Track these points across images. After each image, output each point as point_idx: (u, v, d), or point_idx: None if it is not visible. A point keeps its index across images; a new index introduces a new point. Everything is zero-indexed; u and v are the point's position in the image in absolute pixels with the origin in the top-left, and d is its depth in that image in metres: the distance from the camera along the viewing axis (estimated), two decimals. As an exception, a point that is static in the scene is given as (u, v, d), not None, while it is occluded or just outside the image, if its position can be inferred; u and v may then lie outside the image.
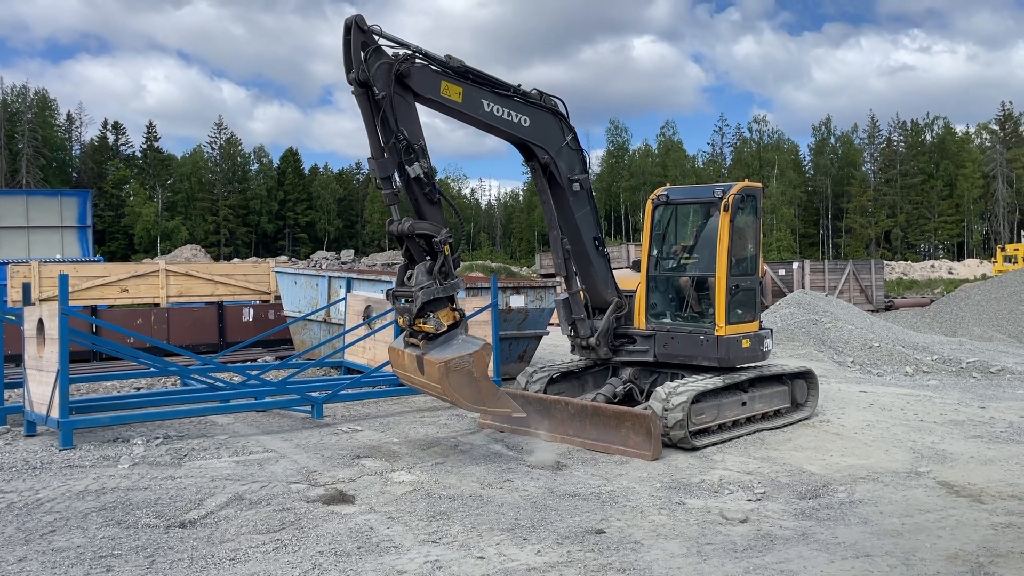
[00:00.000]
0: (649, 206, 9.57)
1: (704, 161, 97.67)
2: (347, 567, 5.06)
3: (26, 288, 9.98)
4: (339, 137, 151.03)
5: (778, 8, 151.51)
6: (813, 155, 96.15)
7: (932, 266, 65.60)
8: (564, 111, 8.74)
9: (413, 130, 7.46)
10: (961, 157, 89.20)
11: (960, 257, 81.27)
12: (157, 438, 8.58)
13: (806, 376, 9.80)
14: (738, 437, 8.64)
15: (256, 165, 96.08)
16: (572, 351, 9.66)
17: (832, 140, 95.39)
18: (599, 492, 6.73)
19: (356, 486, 6.88)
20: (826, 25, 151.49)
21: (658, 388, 8.35)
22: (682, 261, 9.50)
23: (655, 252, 9.49)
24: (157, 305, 16.20)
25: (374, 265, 50.88)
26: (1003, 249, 48.20)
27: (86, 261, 22.15)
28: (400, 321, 7.72)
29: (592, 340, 9.17)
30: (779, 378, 9.49)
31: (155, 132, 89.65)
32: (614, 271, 9.50)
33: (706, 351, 8.79)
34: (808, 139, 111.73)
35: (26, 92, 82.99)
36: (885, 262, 62.06)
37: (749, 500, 6.52)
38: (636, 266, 9.87)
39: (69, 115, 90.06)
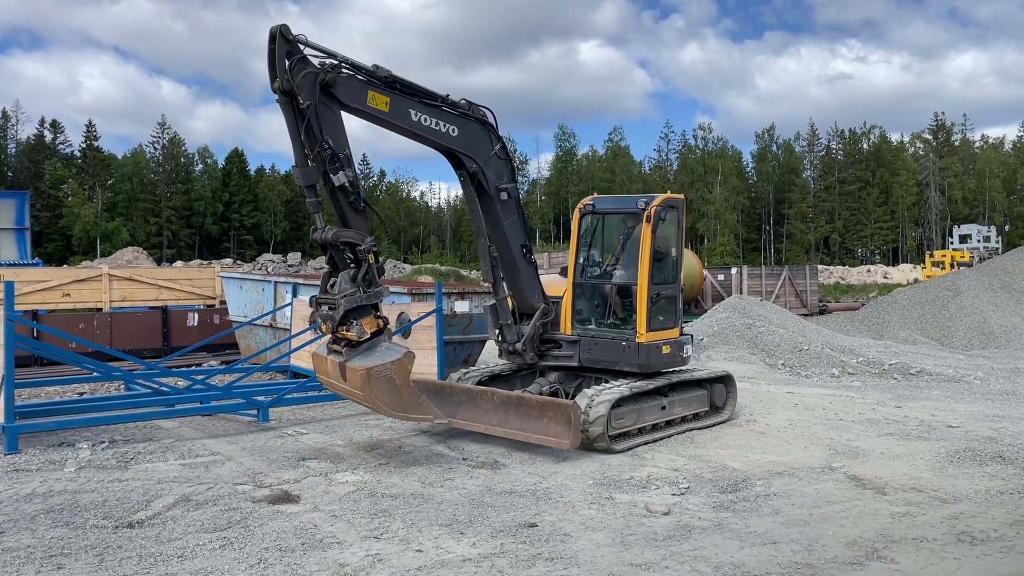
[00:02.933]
0: (576, 215, 9.84)
1: (651, 167, 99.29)
2: (291, 561, 5.34)
3: (-32, 294, 9.96)
4: (284, 137, 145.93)
5: (721, 15, 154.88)
6: (756, 162, 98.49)
7: (868, 271, 67.85)
8: (493, 121, 8.90)
9: (338, 139, 7.58)
10: (896, 165, 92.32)
11: (895, 262, 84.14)
12: (103, 442, 8.70)
13: (725, 380, 10.11)
14: (657, 440, 8.91)
15: (200, 166, 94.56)
16: (499, 355, 9.88)
17: (774, 148, 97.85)
18: (535, 489, 7.11)
19: (301, 487, 7.14)
20: (767, 33, 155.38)
21: (580, 393, 8.61)
22: (606, 269, 9.81)
23: (581, 260, 9.77)
24: (100, 310, 16.12)
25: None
26: (932, 255, 50.17)
27: (25, 264, 21.80)
28: (323, 328, 7.78)
29: (519, 345, 9.37)
30: (699, 383, 9.77)
31: (95, 131, 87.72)
32: (542, 277, 9.73)
33: (627, 357, 9.08)
34: (751, 146, 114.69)
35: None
36: (823, 267, 64.10)
37: (674, 494, 6.97)
38: (564, 272, 10.12)
39: (4, 112, 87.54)
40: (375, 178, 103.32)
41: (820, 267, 51.97)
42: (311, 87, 7.37)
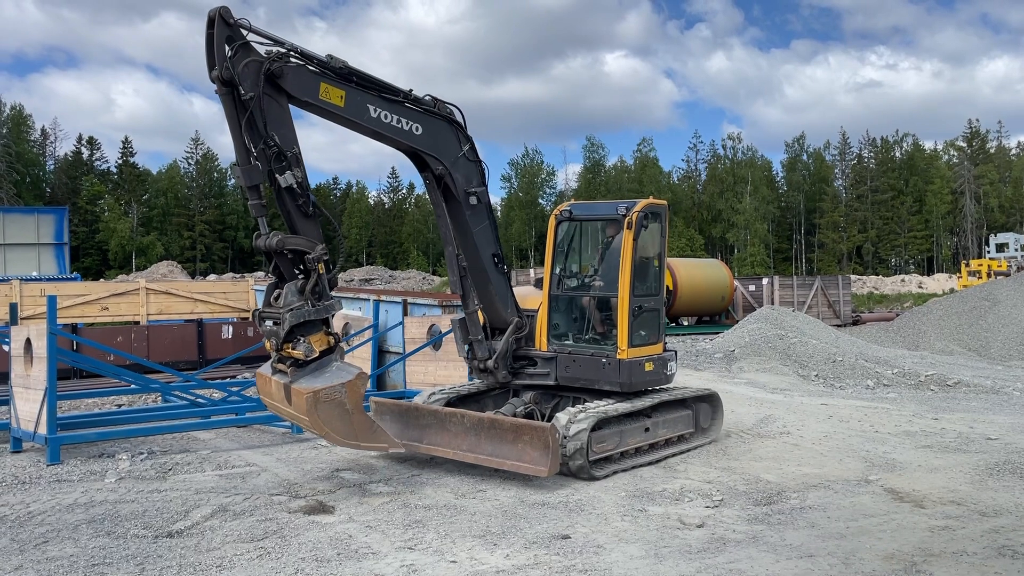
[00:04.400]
0: (552, 221, 9.20)
1: (679, 177, 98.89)
2: (328, 572, 5.40)
3: (13, 308, 10.26)
4: (313, 151, 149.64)
5: (747, 24, 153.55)
6: (786, 171, 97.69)
7: (902, 280, 66.80)
8: (461, 119, 8.29)
9: (285, 135, 6.97)
10: (930, 173, 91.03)
11: (930, 272, 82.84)
12: (142, 453, 8.87)
13: (710, 399, 9.54)
14: (641, 466, 8.31)
15: (232, 180, 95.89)
16: (470, 374, 9.22)
17: (804, 156, 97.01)
18: (567, 501, 7.11)
19: (335, 497, 7.22)
20: (794, 42, 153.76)
21: (558, 414, 8.02)
22: (585, 280, 9.21)
23: (558, 270, 9.16)
24: (137, 323, 16.42)
25: (351, 281, 51.09)
26: (967, 264, 49.34)
27: (64, 279, 22.28)
28: (267, 345, 7.11)
29: (490, 363, 8.67)
30: (682, 402, 9.18)
31: (130, 147, 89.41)
32: (516, 290, 9.11)
33: (608, 375, 8.47)
34: (780, 155, 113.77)
35: (1, 108, 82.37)
36: (856, 277, 63.32)
37: (707, 507, 6.94)
38: (539, 284, 9.51)
39: (43, 130, 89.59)
40: (404, 191, 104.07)
41: (853, 277, 51.38)
42: (254, 77, 6.76)
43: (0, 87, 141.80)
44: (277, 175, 6.89)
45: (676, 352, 9.49)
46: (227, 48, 6.72)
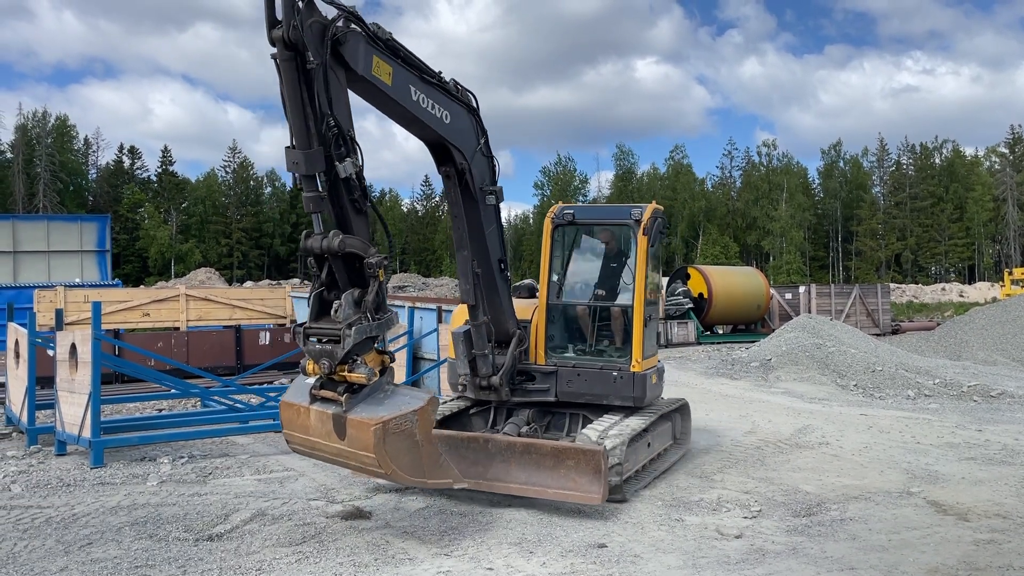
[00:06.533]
0: (548, 225, 8.48)
1: (713, 184, 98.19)
2: (365, 577, 5.44)
3: (59, 314, 10.50)
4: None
5: (779, 30, 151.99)
6: (822, 178, 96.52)
7: (943, 289, 65.57)
8: (477, 107, 7.40)
9: (345, 117, 5.84)
10: (970, 180, 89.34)
11: (971, 280, 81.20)
12: (182, 457, 9.01)
13: (681, 409, 9.19)
14: (650, 482, 7.95)
15: (269, 188, 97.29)
16: (464, 391, 8.15)
17: (841, 163, 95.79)
18: (602, 510, 7.07)
19: (372, 503, 7.26)
20: (828, 47, 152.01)
21: (584, 431, 7.55)
22: (589, 288, 8.69)
23: (556, 278, 8.52)
24: (177, 328, 16.69)
25: (401, 288, 51.34)
26: (1011, 273, 48.29)
27: (106, 285, 22.72)
28: (310, 368, 5.91)
29: (495, 379, 7.89)
30: (667, 415, 8.75)
31: (170, 156, 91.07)
32: None
33: (620, 389, 7.93)
34: (815, 162, 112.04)
35: (47, 118, 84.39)
36: (896, 285, 62.31)
37: (745, 517, 6.86)
38: (527, 290, 8.99)
39: (86, 140, 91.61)
40: (437, 198, 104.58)
41: (892, 285, 50.59)
42: (319, 42, 5.59)
43: (42, 97, 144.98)
44: (336, 163, 5.76)
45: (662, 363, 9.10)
46: (298, 2, 5.53)
